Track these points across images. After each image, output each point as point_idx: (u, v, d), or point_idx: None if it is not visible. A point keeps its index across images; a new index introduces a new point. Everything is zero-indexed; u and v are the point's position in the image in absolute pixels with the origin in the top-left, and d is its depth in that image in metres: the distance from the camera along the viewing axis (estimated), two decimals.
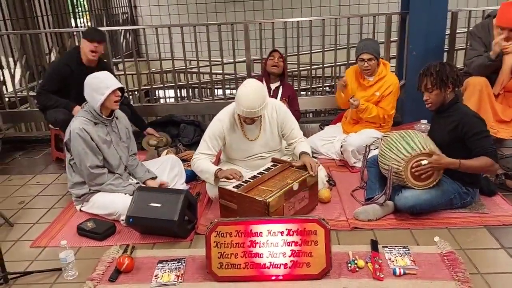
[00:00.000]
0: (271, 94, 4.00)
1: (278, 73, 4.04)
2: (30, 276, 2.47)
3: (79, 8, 7.93)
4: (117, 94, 2.96)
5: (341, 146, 3.77)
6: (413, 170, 2.74)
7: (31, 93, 5.00)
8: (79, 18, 7.88)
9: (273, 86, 4.08)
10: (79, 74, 3.62)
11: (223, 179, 2.92)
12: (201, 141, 3.14)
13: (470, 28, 4.06)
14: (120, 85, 2.97)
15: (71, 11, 7.55)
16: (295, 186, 2.80)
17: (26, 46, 4.99)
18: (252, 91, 2.83)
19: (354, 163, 3.69)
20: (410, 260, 2.40)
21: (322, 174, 3.20)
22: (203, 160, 3.05)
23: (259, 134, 3.14)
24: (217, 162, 3.47)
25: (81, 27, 7.62)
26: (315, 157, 3.42)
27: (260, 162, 3.18)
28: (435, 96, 2.79)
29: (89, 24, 8.04)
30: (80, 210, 3.15)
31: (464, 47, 4.87)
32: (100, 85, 2.90)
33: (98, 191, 3.03)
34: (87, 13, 8.12)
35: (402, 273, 2.30)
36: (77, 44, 5.38)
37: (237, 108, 2.92)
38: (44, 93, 3.81)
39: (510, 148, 3.90)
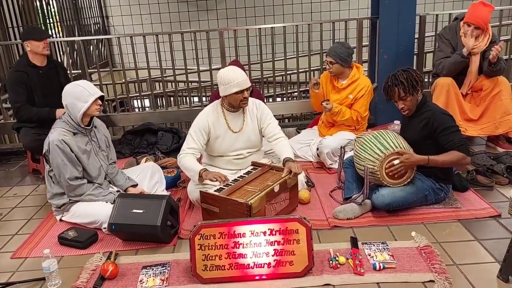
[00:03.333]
0: None
1: None
2: (13, 286, 2.45)
3: (50, 19, 7.84)
4: (98, 103, 2.97)
5: (317, 149, 3.85)
6: (387, 170, 2.82)
7: (4, 105, 4.93)
8: (51, 29, 7.78)
9: None
10: (35, 76, 3.80)
11: (207, 181, 2.96)
12: (187, 136, 3.20)
13: (439, 31, 4.20)
14: (102, 93, 2.99)
15: (42, 22, 7.46)
16: (276, 188, 2.86)
17: None
18: (232, 68, 3.09)
19: (331, 164, 3.76)
20: (389, 255, 2.48)
21: (301, 176, 3.25)
22: (189, 158, 3.09)
23: (242, 126, 3.22)
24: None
25: (52, 37, 7.53)
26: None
27: (240, 162, 3.26)
28: (410, 102, 2.89)
29: (61, 35, 7.96)
30: (61, 220, 3.13)
31: (433, 50, 5.03)
32: (83, 93, 2.89)
33: (78, 200, 3.02)
34: (58, 24, 8.04)
35: (381, 267, 2.37)
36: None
37: (229, 89, 3.03)
38: (23, 107, 3.74)
39: (479, 146, 4.05)
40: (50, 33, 7.65)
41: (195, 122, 3.21)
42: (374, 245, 2.57)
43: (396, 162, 2.77)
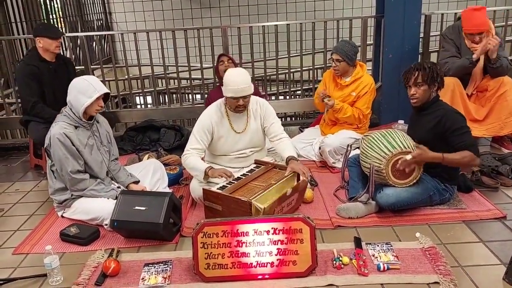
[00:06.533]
0: None
1: None
2: (14, 282, 2.44)
3: (53, 15, 7.82)
4: (101, 104, 2.94)
5: (320, 148, 3.83)
6: (397, 165, 2.78)
7: (7, 100, 4.91)
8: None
9: None
10: (45, 71, 3.77)
11: (214, 179, 2.93)
12: (190, 136, 3.17)
13: (443, 30, 4.18)
14: (107, 90, 2.96)
15: (45, 17, 7.45)
16: (289, 192, 2.83)
17: (0, 53, 4.90)
18: (237, 71, 3.03)
19: (333, 163, 3.75)
20: (393, 255, 2.46)
21: None
22: (193, 157, 3.08)
23: (246, 127, 3.19)
24: None
25: None
26: None
27: (243, 160, 3.24)
28: (423, 91, 2.86)
29: (64, 30, 7.94)
30: (62, 216, 3.12)
31: (438, 49, 5.00)
32: (88, 88, 2.86)
33: (81, 196, 3.00)
34: (61, 19, 8.02)
35: (386, 268, 2.35)
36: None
37: (226, 92, 2.99)
38: (39, 105, 3.70)
39: (484, 146, 4.02)
40: None
41: (198, 122, 3.17)
42: (378, 245, 2.55)
43: (408, 157, 2.74)
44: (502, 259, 2.41)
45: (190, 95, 5.53)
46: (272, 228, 2.35)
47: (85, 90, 2.86)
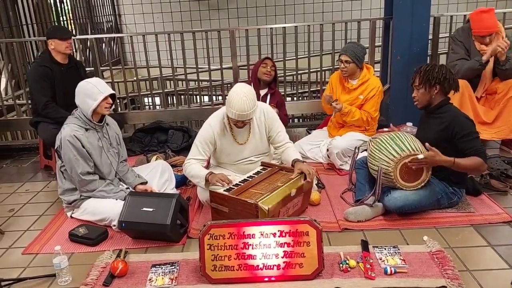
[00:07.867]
0: (260, 100, 4.03)
1: (269, 81, 4.07)
2: (23, 282, 2.46)
3: (64, 17, 7.89)
4: (109, 101, 2.97)
5: (327, 150, 3.83)
6: (409, 164, 2.76)
7: (18, 101, 4.96)
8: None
9: (262, 92, 4.09)
10: (58, 73, 3.81)
11: (214, 184, 2.94)
12: (192, 147, 3.16)
13: (452, 32, 4.16)
14: (112, 91, 2.99)
15: (55, 19, 7.52)
16: (293, 193, 2.83)
17: (12, 55, 4.95)
18: (243, 94, 2.87)
19: (341, 165, 3.74)
20: (400, 259, 2.45)
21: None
22: (194, 165, 3.07)
23: (249, 137, 3.17)
24: (207, 166, 3.49)
25: None
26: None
27: (250, 166, 3.22)
28: (421, 94, 2.88)
29: (74, 32, 8.00)
30: (71, 217, 3.15)
31: (447, 51, 4.98)
32: (93, 91, 2.90)
33: (89, 197, 3.03)
34: (72, 21, 8.09)
35: (393, 272, 2.34)
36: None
37: (228, 112, 2.94)
38: (52, 105, 3.73)
39: (493, 149, 3.98)
40: None
41: (200, 133, 3.14)
42: (385, 249, 2.54)
43: (420, 156, 2.72)
44: (511, 263, 2.40)
45: (198, 97, 5.54)
46: (278, 230, 2.35)
47: (90, 93, 2.90)
